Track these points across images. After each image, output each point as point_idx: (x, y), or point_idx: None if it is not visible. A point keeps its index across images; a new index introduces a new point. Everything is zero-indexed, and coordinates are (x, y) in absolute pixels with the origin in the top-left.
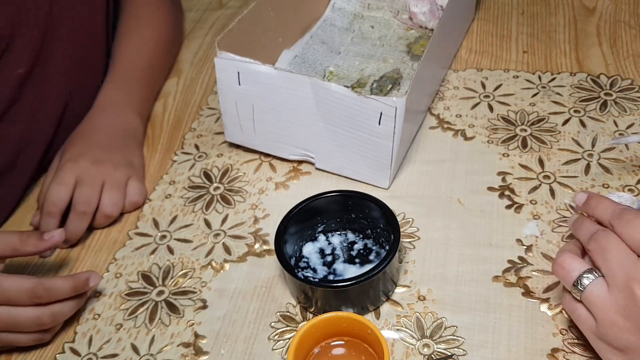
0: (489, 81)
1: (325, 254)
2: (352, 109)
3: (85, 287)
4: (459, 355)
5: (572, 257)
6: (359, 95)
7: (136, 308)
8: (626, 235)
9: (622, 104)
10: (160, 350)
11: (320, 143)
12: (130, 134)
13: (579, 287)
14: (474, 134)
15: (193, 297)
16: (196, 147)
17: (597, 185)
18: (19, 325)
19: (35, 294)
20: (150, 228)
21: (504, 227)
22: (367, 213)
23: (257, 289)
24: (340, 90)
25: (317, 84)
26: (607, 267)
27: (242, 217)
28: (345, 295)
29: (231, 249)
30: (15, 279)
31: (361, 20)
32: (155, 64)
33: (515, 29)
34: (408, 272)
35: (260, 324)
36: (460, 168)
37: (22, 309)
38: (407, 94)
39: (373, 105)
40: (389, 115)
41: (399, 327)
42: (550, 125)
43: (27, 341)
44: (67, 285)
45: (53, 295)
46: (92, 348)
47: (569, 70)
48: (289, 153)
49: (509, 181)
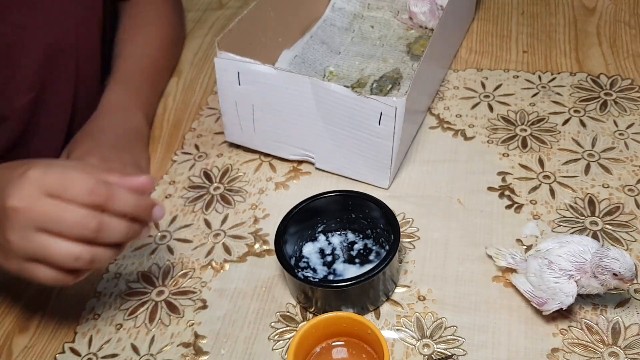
0: (489, 81)
1: (325, 254)
2: (352, 109)
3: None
4: (459, 355)
5: None
6: (359, 95)
7: (136, 308)
8: None
9: (622, 104)
10: (160, 350)
11: (320, 143)
12: (136, 134)
13: None
14: (474, 134)
15: (193, 297)
16: (196, 147)
17: (597, 185)
18: (53, 256)
19: (96, 192)
20: (151, 228)
21: (503, 227)
22: (367, 213)
23: (257, 289)
24: (340, 90)
25: (317, 84)
26: None
27: (242, 217)
28: (345, 295)
29: (231, 249)
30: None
31: (361, 20)
32: (160, 65)
33: (515, 29)
34: (408, 272)
35: (260, 324)
36: (460, 168)
37: (64, 242)
38: (407, 94)
39: (373, 105)
40: (389, 115)
41: (399, 327)
42: (550, 125)
43: (50, 278)
44: (132, 200)
45: (112, 201)
46: (92, 348)
47: (569, 70)
48: (289, 153)
49: (509, 181)
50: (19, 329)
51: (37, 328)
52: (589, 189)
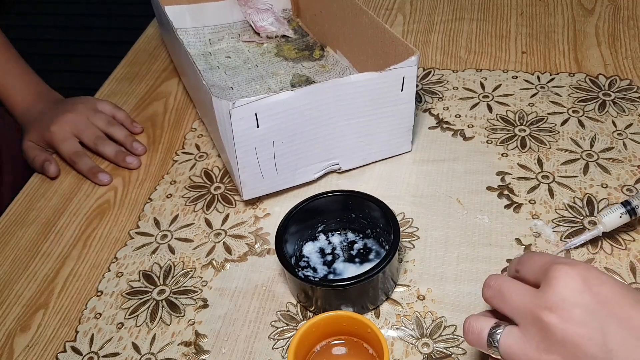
0: (488, 81)
1: (326, 253)
2: (374, 90)
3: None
4: (458, 354)
5: (477, 317)
6: (382, 72)
7: (137, 307)
8: (525, 272)
9: (620, 104)
10: (161, 349)
11: (344, 142)
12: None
13: (493, 345)
14: (473, 134)
15: (194, 296)
16: (197, 147)
17: (596, 185)
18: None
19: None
20: (152, 227)
21: (502, 227)
22: (367, 213)
23: (257, 288)
24: (362, 77)
25: (337, 82)
26: (509, 308)
27: (243, 217)
28: (345, 295)
29: (232, 249)
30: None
31: (212, 56)
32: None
33: (514, 30)
34: (408, 272)
35: (261, 323)
36: (460, 168)
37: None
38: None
39: (395, 74)
40: (410, 76)
41: (399, 326)
42: (549, 126)
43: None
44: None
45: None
46: (94, 347)
47: (567, 71)
48: (313, 173)
49: (508, 181)
50: (20, 328)
51: (39, 327)
52: (587, 188)
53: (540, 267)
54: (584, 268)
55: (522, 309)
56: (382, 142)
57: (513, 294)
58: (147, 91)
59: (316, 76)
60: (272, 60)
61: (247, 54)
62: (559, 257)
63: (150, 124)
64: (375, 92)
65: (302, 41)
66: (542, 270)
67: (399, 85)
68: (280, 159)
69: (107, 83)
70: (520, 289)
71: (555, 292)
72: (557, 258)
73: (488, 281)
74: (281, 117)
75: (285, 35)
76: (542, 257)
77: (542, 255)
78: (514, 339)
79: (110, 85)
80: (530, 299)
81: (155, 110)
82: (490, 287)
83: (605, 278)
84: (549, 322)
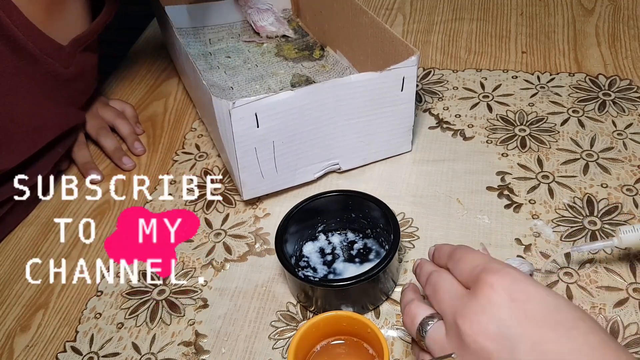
0: (488, 81)
1: (326, 253)
2: (374, 90)
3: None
4: None
5: (418, 304)
6: (382, 72)
7: (137, 307)
8: (457, 272)
9: (620, 104)
10: (161, 349)
11: (344, 142)
12: None
13: (421, 334)
14: (473, 134)
15: (194, 296)
16: (197, 147)
17: (596, 185)
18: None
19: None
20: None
21: (502, 227)
22: (367, 213)
23: (257, 288)
24: (362, 77)
25: (337, 82)
26: (439, 307)
27: (243, 217)
28: (346, 295)
29: (232, 249)
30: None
31: (212, 56)
32: None
33: (514, 30)
34: (408, 271)
35: (261, 323)
36: (460, 168)
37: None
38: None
39: (396, 73)
40: (410, 76)
41: (399, 326)
42: (549, 125)
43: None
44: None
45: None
46: (94, 347)
47: (567, 71)
48: (313, 173)
49: (508, 181)
50: (20, 328)
51: (39, 327)
52: (587, 188)
53: (472, 270)
54: (513, 280)
55: (449, 311)
56: (382, 142)
57: (446, 294)
58: (147, 91)
59: (316, 76)
60: (272, 60)
61: (247, 54)
62: (492, 262)
63: (150, 124)
64: (375, 92)
65: (302, 41)
66: (472, 274)
67: (398, 85)
68: (280, 159)
69: (107, 83)
70: (451, 291)
71: (478, 303)
72: (489, 262)
73: (429, 275)
74: (281, 117)
75: (285, 35)
76: (474, 258)
77: (475, 256)
78: (439, 335)
79: (110, 85)
80: (457, 302)
81: (155, 110)
82: (430, 282)
83: (533, 293)
84: (464, 331)
